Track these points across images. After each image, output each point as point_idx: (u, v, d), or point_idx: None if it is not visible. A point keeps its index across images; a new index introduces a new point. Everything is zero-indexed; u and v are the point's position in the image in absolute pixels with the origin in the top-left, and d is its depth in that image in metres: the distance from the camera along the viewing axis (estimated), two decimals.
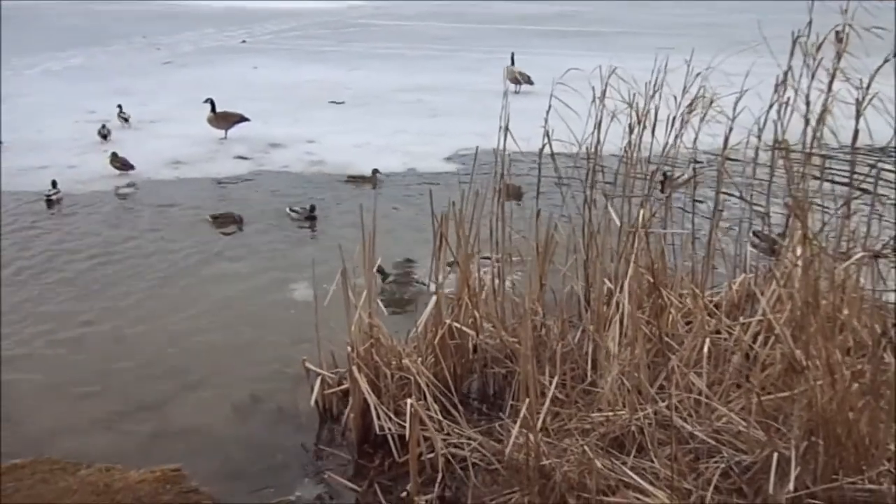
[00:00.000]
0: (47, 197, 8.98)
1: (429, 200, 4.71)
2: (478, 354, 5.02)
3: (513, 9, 32.82)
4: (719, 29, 22.35)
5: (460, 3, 35.76)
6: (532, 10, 32.62)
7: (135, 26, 27.14)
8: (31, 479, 3.93)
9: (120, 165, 10.06)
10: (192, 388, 5.22)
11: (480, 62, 20.00)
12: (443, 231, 4.65)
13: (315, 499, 4.09)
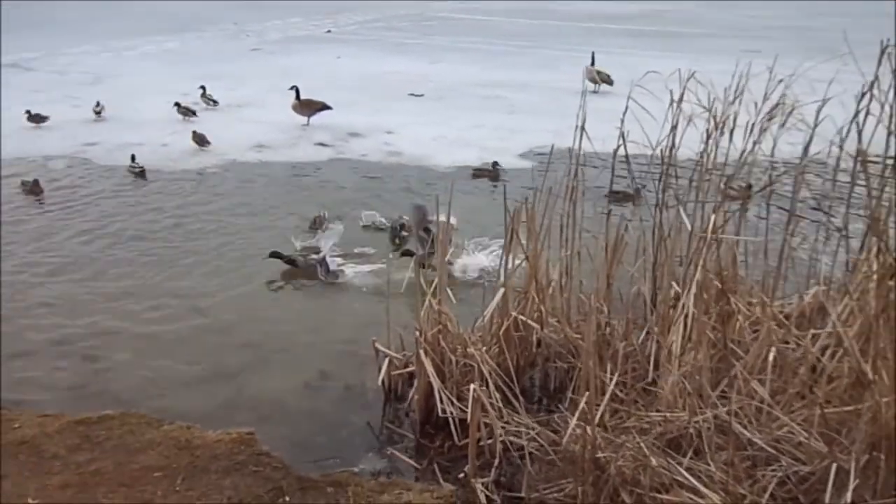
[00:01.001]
0: (131, 170, 9.64)
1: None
2: (541, 348, 5.13)
3: (595, 7, 32.43)
4: (804, 32, 21.61)
5: (542, 1, 35.58)
6: (613, 9, 32.15)
7: (227, 13, 28.14)
8: (119, 429, 4.26)
9: (198, 140, 10.73)
10: (267, 361, 5.51)
11: (559, 60, 19.93)
12: (514, 226, 4.77)
13: (377, 473, 4.28)
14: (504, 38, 24.60)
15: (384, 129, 12.41)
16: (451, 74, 17.59)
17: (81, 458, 3.93)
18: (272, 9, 30.32)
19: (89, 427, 4.23)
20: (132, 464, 3.91)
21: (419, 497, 3.90)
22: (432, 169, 10.43)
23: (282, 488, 3.90)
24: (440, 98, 15.04)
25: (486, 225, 7.39)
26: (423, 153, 11.11)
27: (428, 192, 8.78)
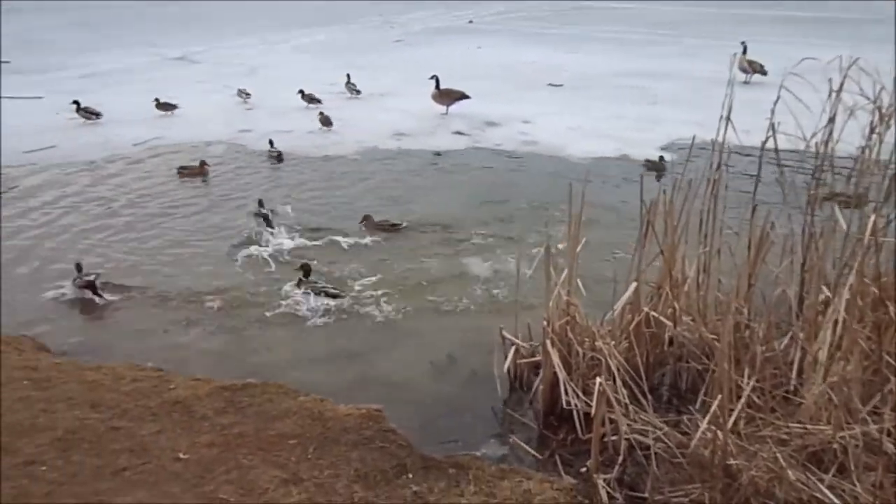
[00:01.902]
0: (269, 154, 10.25)
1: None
2: (673, 346, 4.95)
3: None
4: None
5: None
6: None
7: (372, 6, 29.06)
8: (260, 397, 4.55)
9: (324, 121, 11.41)
10: (396, 343, 5.68)
11: (704, 48, 19.03)
12: (650, 219, 4.62)
13: (498, 459, 4.31)
14: (646, 26, 23.80)
15: (521, 118, 12.39)
16: (590, 64, 17.25)
17: (226, 421, 4.23)
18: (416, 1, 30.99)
19: (234, 393, 4.55)
20: (270, 430, 4.17)
21: (539, 487, 3.89)
22: (567, 159, 10.29)
23: (405, 466, 4.01)
24: (578, 88, 14.80)
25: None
26: (560, 143, 10.99)
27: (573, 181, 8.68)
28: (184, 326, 5.84)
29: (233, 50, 19.41)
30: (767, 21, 23.66)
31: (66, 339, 5.61)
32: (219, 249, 7.34)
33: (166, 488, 3.62)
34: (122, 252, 7.27)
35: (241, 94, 13.43)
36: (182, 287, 6.48)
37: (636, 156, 10.47)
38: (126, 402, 4.37)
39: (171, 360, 5.25)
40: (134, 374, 4.76)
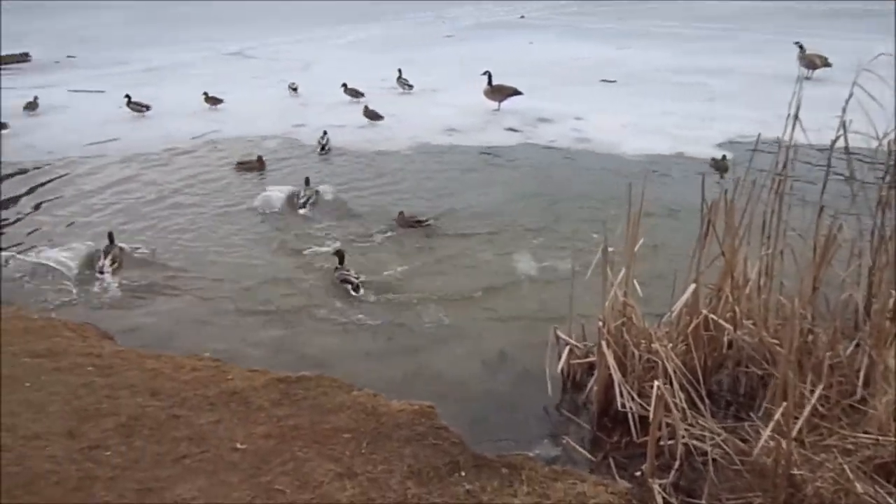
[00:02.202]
0: (320, 142, 10.42)
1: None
2: (732, 350, 4.83)
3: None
4: None
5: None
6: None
7: (424, 1, 29.11)
8: (315, 390, 4.59)
9: (370, 115, 11.48)
10: (448, 339, 5.67)
11: (764, 44, 18.55)
12: (711, 218, 4.51)
13: (551, 460, 4.26)
14: (703, 20, 23.31)
15: (573, 115, 12.26)
16: (645, 60, 16.98)
17: (281, 413, 4.29)
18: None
19: (289, 385, 4.60)
20: (324, 423, 4.21)
21: (593, 490, 3.83)
22: (620, 157, 10.14)
23: (458, 463, 4.00)
24: (632, 84, 14.58)
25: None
26: (613, 140, 10.84)
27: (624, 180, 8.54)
28: (236, 315, 5.94)
29: (287, 45, 19.68)
30: (828, 15, 22.94)
31: (127, 326, 5.76)
32: (268, 238, 7.44)
33: (224, 477, 3.69)
34: (171, 237, 7.46)
35: (291, 88, 13.61)
36: (233, 274, 6.62)
37: (692, 153, 10.26)
38: (185, 391, 4.46)
39: (227, 350, 5.35)
40: (192, 364, 4.86)
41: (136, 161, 10.07)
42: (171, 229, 7.77)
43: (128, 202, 8.57)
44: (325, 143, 10.48)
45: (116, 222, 7.88)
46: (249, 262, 6.96)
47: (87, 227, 7.84)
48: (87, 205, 8.52)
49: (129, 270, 6.76)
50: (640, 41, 19.53)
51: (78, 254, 6.89)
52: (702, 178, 4.57)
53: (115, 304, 6.14)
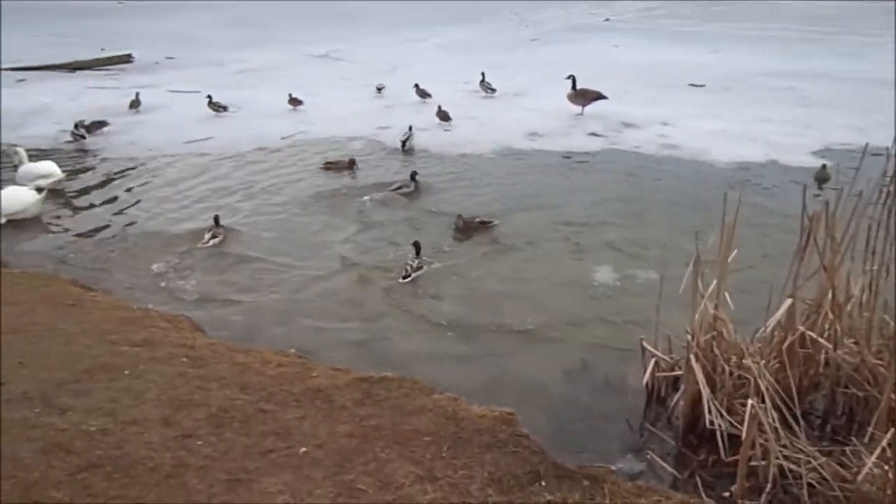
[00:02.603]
0: (403, 140, 10.64)
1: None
2: (829, 370, 4.60)
3: None
4: None
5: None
6: None
7: (507, 4, 29.09)
8: (396, 391, 4.63)
9: (441, 117, 11.73)
10: (528, 345, 5.62)
11: (862, 46, 17.67)
12: (811, 230, 4.31)
13: (635, 474, 4.16)
14: (800, 22, 22.40)
15: (660, 120, 11.98)
16: (737, 64, 16.43)
17: (364, 413, 4.34)
18: None
19: (371, 385, 4.66)
20: (406, 424, 4.23)
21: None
22: (710, 164, 9.84)
23: (539, 473, 3.95)
24: (723, 89, 14.13)
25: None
26: (701, 147, 10.54)
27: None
28: (321, 312, 6.07)
29: (373, 48, 20.01)
30: None
31: (216, 318, 5.97)
32: (357, 238, 7.57)
33: (308, 473, 3.76)
34: (263, 233, 7.69)
35: (377, 89, 13.86)
36: (321, 271, 6.76)
37: (787, 162, 9.87)
38: (272, 386, 4.57)
39: (311, 346, 5.47)
40: (279, 360, 4.99)
41: (231, 159, 10.43)
42: (261, 225, 8.00)
43: (222, 197, 8.87)
44: (407, 141, 10.63)
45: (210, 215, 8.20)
46: (336, 261, 7.10)
47: (187, 217, 8.18)
48: (187, 195, 8.90)
49: (220, 261, 7.01)
50: (730, 44, 18.92)
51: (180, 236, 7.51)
52: (802, 188, 4.37)
53: (205, 296, 6.36)
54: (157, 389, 4.45)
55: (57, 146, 11.08)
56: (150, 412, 4.20)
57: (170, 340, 5.16)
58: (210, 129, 11.91)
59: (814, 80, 14.55)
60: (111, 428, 4.02)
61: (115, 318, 5.48)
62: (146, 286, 6.55)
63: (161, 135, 11.58)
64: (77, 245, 7.49)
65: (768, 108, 12.60)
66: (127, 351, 4.92)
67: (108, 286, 6.50)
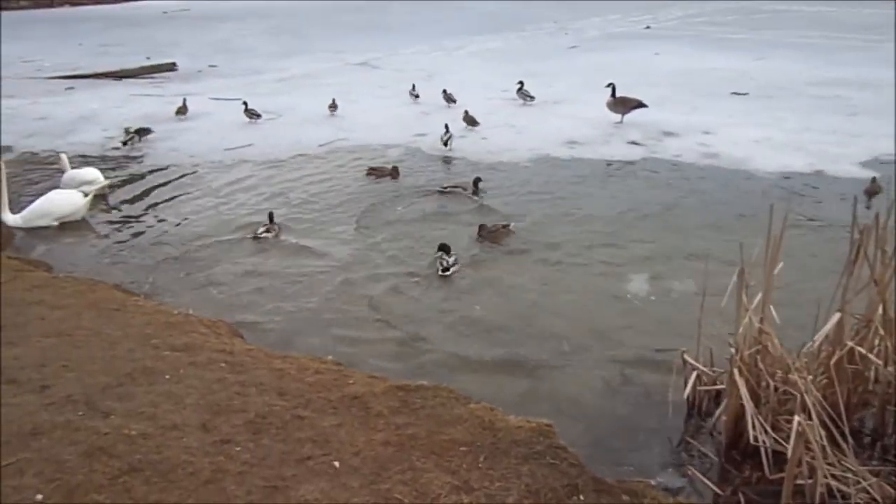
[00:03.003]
0: (443, 140, 10.92)
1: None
2: (879, 387, 4.46)
3: None
4: None
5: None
6: None
7: (546, 12, 29.04)
8: (433, 400, 4.61)
9: (468, 122, 11.89)
10: (568, 357, 5.55)
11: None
12: (862, 243, 4.18)
13: (676, 490, 4.07)
14: (845, 30, 21.93)
15: (701, 128, 11.81)
16: (780, 72, 16.14)
17: (400, 421, 4.33)
18: (591, 6, 30.56)
19: (407, 393, 4.65)
20: (442, 434, 4.21)
21: None
22: (752, 173, 9.66)
23: (577, 486, 3.89)
24: (766, 97, 13.88)
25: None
26: (743, 156, 10.35)
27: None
28: (357, 319, 6.09)
29: (409, 56, 20.12)
30: None
31: (253, 321, 6.03)
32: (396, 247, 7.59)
33: (345, 481, 3.75)
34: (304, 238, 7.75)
35: (412, 94, 13.96)
36: (359, 279, 6.78)
37: (833, 172, 9.64)
38: (309, 393, 4.59)
39: (348, 353, 5.48)
40: (316, 367, 5.00)
41: (271, 165, 10.56)
42: (299, 232, 8.07)
43: (261, 202, 8.97)
44: (449, 140, 10.88)
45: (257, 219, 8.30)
46: (371, 267, 7.12)
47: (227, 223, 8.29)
48: (227, 201, 9.03)
49: (258, 267, 7.08)
50: (774, 52, 18.60)
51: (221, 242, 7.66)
52: (853, 199, 4.25)
53: (243, 302, 6.42)
54: (197, 394, 4.50)
55: (104, 153, 11.35)
56: (190, 417, 4.24)
57: (209, 346, 5.22)
58: (250, 136, 12.08)
59: (859, 89, 14.22)
60: (152, 432, 4.07)
61: (157, 323, 5.56)
62: (187, 291, 6.64)
63: (203, 142, 11.78)
64: (120, 250, 7.64)
65: (813, 116, 12.34)
66: (168, 355, 4.99)
67: (150, 291, 6.62)
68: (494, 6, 32.01)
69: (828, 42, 19.95)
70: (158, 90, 16.27)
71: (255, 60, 19.87)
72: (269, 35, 25.08)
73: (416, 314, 6.22)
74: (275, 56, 20.54)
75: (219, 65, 19.28)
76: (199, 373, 4.77)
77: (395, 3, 34.90)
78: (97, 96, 15.49)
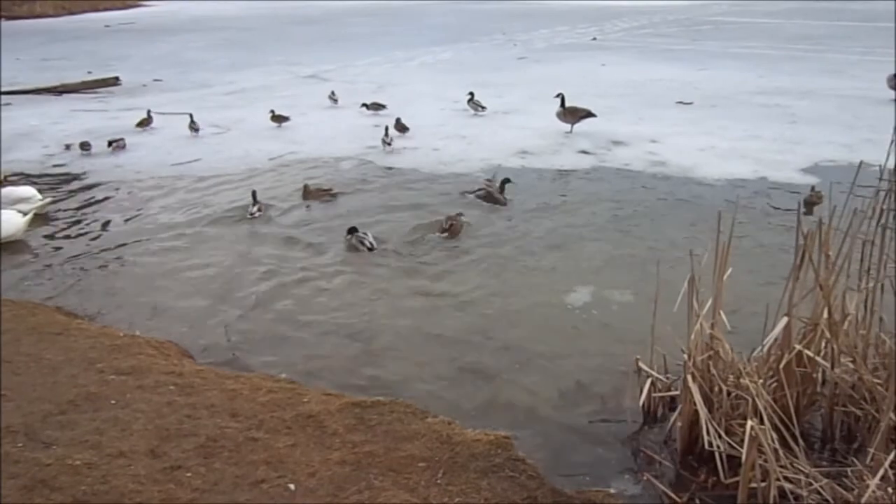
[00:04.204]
0: (384, 142, 11.22)
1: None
2: (827, 388, 4.56)
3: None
4: None
5: (832, 1, 32.12)
6: None
7: (496, 24, 29.30)
8: (389, 416, 4.55)
9: (400, 128, 12.08)
10: (524, 365, 5.55)
11: (851, 65, 17.88)
12: (806, 248, 4.28)
13: (634, 498, 4.09)
14: (785, 41, 22.64)
15: (648, 137, 12.01)
16: (724, 81, 16.55)
17: (356, 439, 4.26)
18: (539, 18, 30.97)
19: (364, 410, 4.58)
20: (399, 451, 4.15)
21: None
22: (699, 181, 9.85)
23: (536, 498, 3.88)
24: (711, 106, 14.21)
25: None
26: (690, 164, 10.55)
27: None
28: (310, 336, 5.98)
29: (360, 68, 20.04)
30: None
31: (204, 344, 5.87)
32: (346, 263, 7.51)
33: (301, 503, 3.67)
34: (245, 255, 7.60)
35: (364, 106, 13.94)
36: (305, 294, 6.67)
37: (776, 178, 9.89)
38: (262, 413, 4.49)
39: (302, 371, 5.38)
40: (269, 385, 4.90)
41: (220, 180, 10.34)
42: (244, 252, 7.91)
43: (208, 223, 8.77)
44: (390, 141, 11.36)
45: (204, 234, 8.10)
46: (325, 285, 7.02)
47: (171, 241, 8.08)
48: (170, 218, 8.79)
49: (206, 285, 6.91)
50: (717, 62, 19.08)
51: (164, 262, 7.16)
52: (797, 206, 4.36)
53: (191, 321, 6.26)
54: (145, 419, 4.35)
55: (43, 170, 10.99)
56: (138, 443, 4.10)
57: (157, 368, 5.07)
58: (199, 150, 11.85)
59: (800, 97, 14.67)
60: (97, 461, 3.92)
61: (102, 346, 5.38)
62: (133, 312, 6.44)
63: (148, 158, 11.50)
64: (62, 271, 7.38)
65: (756, 124, 12.67)
66: (113, 380, 4.83)
67: (94, 312, 6.40)
68: (445, 18, 32.20)
69: (769, 52, 20.56)
70: (102, 105, 15.86)
71: (204, 73, 19.55)
72: (218, 48, 24.72)
73: (366, 327, 6.14)
74: (224, 69, 20.24)
75: (165, 78, 18.90)
76: (147, 396, 4.63)
77: (346, 15, 34.82)
78: (36, 112, 15.02)
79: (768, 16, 29.23)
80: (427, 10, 35.76)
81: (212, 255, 7.69)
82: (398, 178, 10.31)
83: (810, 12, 29.87)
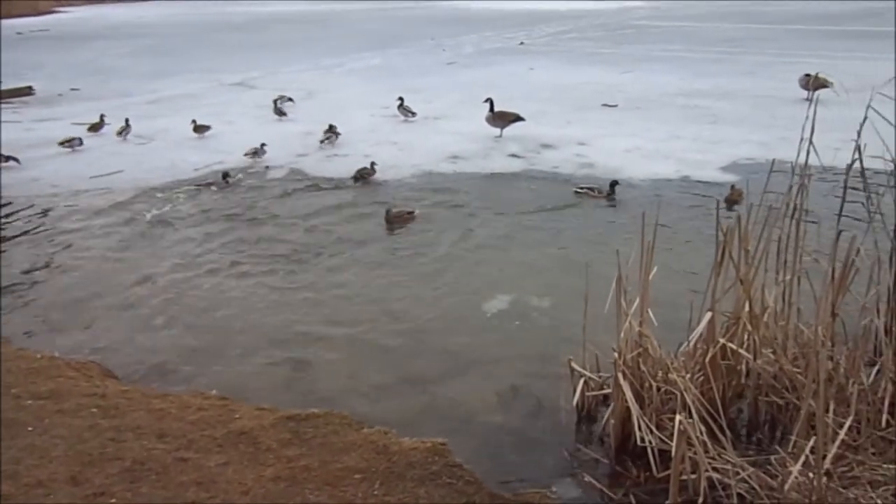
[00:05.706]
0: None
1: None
2: (750, 379, 4.71)
3: (811, 8, 29.94)
4: None
5: (749, 3, 33.47)
6: (834, 8, 29.45)
7: (425, 29, 29.37)
8: (324, 428, 4.48)
9: (332, 136, 12.25)
10: (460, 371, 5.55)
11: (767, 66, 18.63)
12: (726, 245, 4.42)
13: (571, 498, 4.13)
14: (704, 44, 23.43)
15: (577, 140, 12.23)
16: (647, 84, 17.00)
17: (291, 453, 4.17)
18: (468, 23, 31.21)
19: (298, 423, 4.49)
20: (336, 463, 4.09)
21: None
22: (626, 182, 10.07)
23: (474, 503, 3.88)
24: (635, 108, 14.57)
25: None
26: (617, 165, 10.79)
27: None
28: (242, 349, 5.84)
29: (289, 75, 19.77)
30: (835, 36, 23.05)
31: (129, 362, 5.66)
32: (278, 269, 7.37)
33: None
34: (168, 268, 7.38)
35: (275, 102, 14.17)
36: (238, 307, 6.52)
37: (698, 177, 10.20)
38: (192, 433, 4.35)
39: (234, 386, 5.24)
40: (199, 403, 4.76)
41: (142, 193, 10.01)
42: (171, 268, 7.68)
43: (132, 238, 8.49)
44: (327, 139, 11.92)
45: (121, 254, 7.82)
46: (256, 293, 6.87)
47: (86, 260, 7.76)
48: (87, 235, 8.45)
49: (124, 302, 6.67)
50: (640, 65, 19.59)
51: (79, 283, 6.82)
52: (716, 204, 4.50)
53: (113, 340, 6.02)
54: (65, 445, 4.16)
55: None
56: (57, 471, 3.91)
57: (78, 390, 4.85)
58: (120, 162, 11.44)
59: (720, 98, 15.19)
60: (14, 492, 3.72)
61: (18, 370, 5.11)
62: (51, 333, 6.15)
63: (66, 170, 11.05)
64: None
65: (679, 125, 13.05)
66: (31, 405, 4.59)
67: (8, 335, 6.08)
68: (374, 25, 32.11)
69: (689, 55, 21.22)
70: (15, 116, 15.16)
71: (124, 82, 18.92)
72: (139, 55, 23.98)
73: (297, 335, 6.04)
74: (145, 77, 19.63)
75: (83, 87, 18.21)
76: (68, 421, 4.42)
77: (273, 22, 34.31)
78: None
79: (687, 20, 30.22)
80: (355, 17, 35.62)
81: (133, 272, 7.43)
82: (328, 186, 10.19)
83: (727, 16, 31.01)
